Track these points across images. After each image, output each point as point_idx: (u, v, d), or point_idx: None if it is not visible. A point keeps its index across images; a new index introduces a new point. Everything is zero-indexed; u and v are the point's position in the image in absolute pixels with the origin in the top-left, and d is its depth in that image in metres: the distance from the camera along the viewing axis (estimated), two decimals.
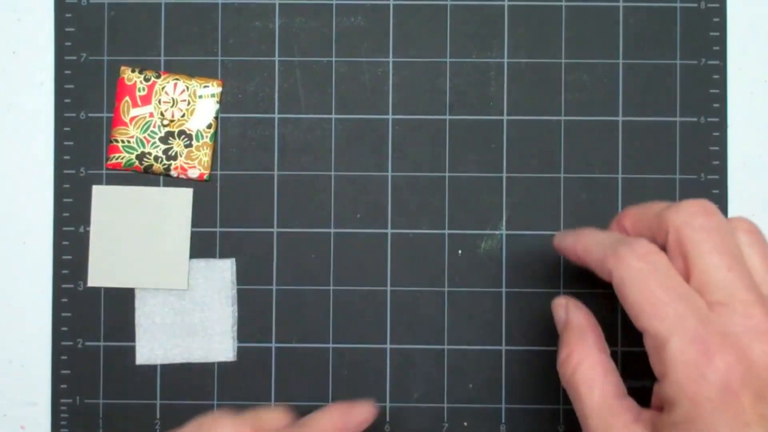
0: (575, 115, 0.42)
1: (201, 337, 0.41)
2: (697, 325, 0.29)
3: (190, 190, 0.41)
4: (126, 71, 0.42)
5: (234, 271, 0.41)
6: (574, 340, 0.34)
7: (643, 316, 0.30)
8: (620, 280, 0.31)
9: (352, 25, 0.42)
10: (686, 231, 0.31)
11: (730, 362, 0.28)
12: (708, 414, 0.28)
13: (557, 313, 0.36)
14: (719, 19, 0.42)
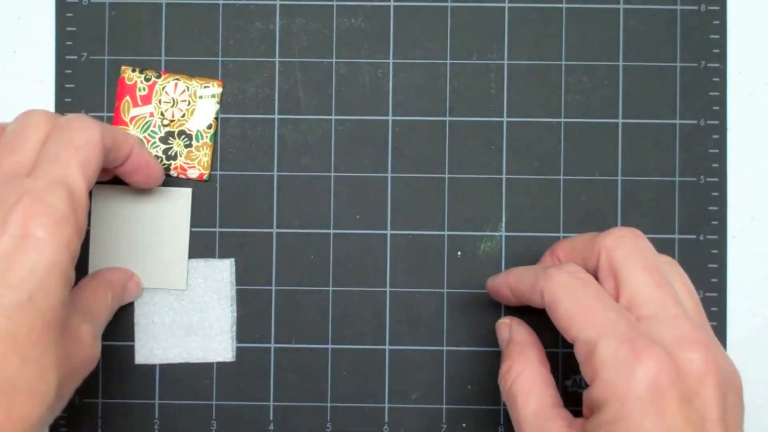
0: (575, 117, 0.42)
1: (200, 337, 0.41)
2: (627, 328, 0.30)
3: (189, 190, 0.41)
4: (126, 71, 0.42)
5: (233, 271, 0.42)
6: (516, 355, 0.36)
7: (573, 326, 0.31)
8: (552, 295, 0.33)
9: (352, 26, 0.42)
10: (617, 251, 0.33)
11: (659, 361, 0.29)
12: (636, 412, 0.28)
13: (501, 332, 0.38)
14: (719, 21, 0.42)
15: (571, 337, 0.32)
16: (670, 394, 0.28)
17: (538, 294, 0.34)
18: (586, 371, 0.31)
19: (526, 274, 0.35)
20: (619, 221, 0.42)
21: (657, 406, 0.28)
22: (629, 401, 0.29)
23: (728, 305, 0.42)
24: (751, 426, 0.42)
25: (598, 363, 0.30)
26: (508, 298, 0.37)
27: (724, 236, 0.42)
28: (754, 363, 0.42)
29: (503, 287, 0.37)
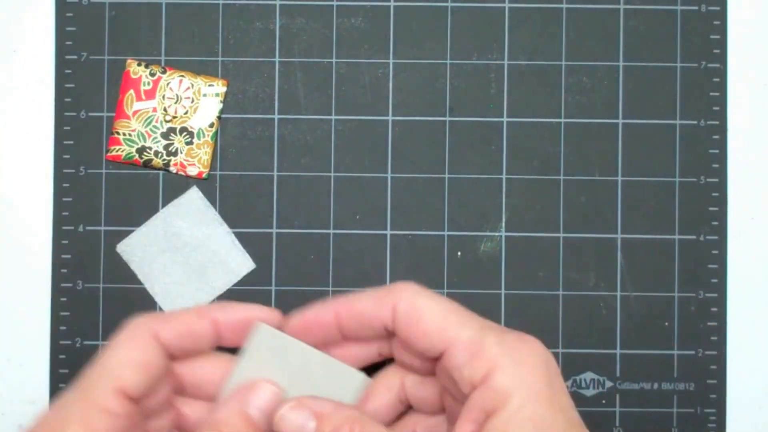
0: (575, 118, 0.42)
1: (216, 267, 0.41)
2: (489, 324, 0.31)
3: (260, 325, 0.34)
4: (132, 64, 0.42)
5: (201, 195, 0.41)
6: None
7: (449, 328, 0.30)
8: (411, 304, 0.31)
9: (352, 26, 0.42)
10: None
11: (540, 345, 0.30)
12: (542, 393, 0.29)
13: (297, 415, 0.32)
14: (720, 22, 0.42)
15: (446, 341, 0.30)
16: (558, 374, 0.30)
17: (387, 308, 0.31)
18: (476, 368, 0.29)
19: (359, 297, 0.32)
20: (619, 221, 0.42)
21: (553, 388, 0.29)
22: (536, 384, 0.29)
23: (728, 305, 0.42)
24: (751, 426, 0.42)
25: (494, 354, 0.29)
26: (326, 331, 0.33)
27: (724, 237, 0.42)
28: (754, 363, 0.42)
29: (326, 315, 0.33)
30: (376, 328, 0.32)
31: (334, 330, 0.33)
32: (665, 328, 0.41)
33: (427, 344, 0.31)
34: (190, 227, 0.41)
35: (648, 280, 0.41)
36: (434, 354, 0.31)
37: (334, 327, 0.33)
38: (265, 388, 0.32)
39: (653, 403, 0.41)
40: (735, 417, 0.41)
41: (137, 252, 0.41)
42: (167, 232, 0.41)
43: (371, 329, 0.32)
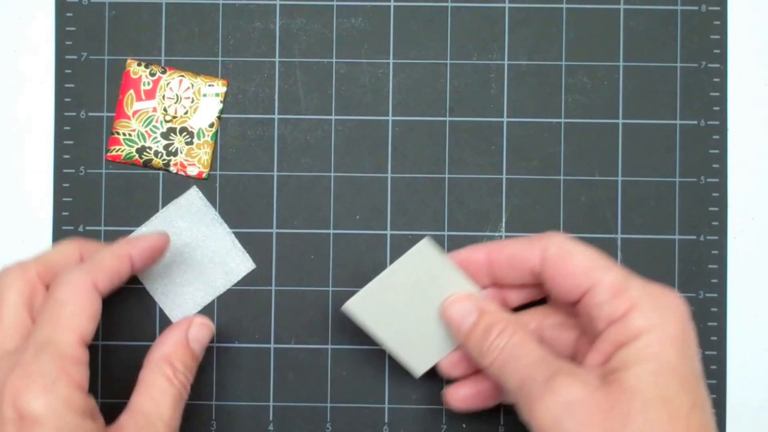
0: (575, 118, 0.42)
1: (215, 267, 0.41)
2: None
3: (426, 240, 0.37)
4: (132, 64, 0.42)
5: (201, 195, 0.41)
6: (496, 320, 0.35)
7: (595, 271, 0.33)
8: (561, 247, 0.34)
9: (352, 26, 0.42)
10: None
11: (681, 299, 0.32)
12: (675, 340, 0.31)
13: (457, 310, 0.36)
14: (720, 22, 0.42)
15: (592, 281, 0.32)
16: (694, 333, 0.32)
17: (537, 250, 0.34)
18: (616, 306, 0.31)
19: (510, 241, 0.36)
20: (619, 221, 0.42)
21: (689, 338, 0.31)
22: (673, 325, 0.31)
23: (728, 306, 0.42)
24: (751, 426, 0.42)
25: (637, 294, 0.31)
26: (476, 270, 0.37)
27: (724, 237, 0.42)
28: (754, 363, 0.42)
29: (478, 253, 0.37)
30: (523, 270, 0.35)
31: (483, 270, 0.37)
32: None
33: (573, 284, 0.33)
34: (190, 227, 0.41)
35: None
36: (578, 293, 0.33)
37: (484, 267, 0.36)
38: (197, 323, 0.38)
39: None
40: (735, 417, 0.41)
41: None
42: (167, 231, 0.41)
43: (519, 271, 0.35)
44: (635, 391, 0.30)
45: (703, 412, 0.31)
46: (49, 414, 0.30)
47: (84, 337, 0.32)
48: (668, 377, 0.30)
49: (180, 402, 0.36)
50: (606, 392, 0.30)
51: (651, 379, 0.30)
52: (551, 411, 0.31)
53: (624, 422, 0.30)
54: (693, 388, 0.31)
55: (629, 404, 0.30)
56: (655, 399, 0.30)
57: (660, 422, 0.29)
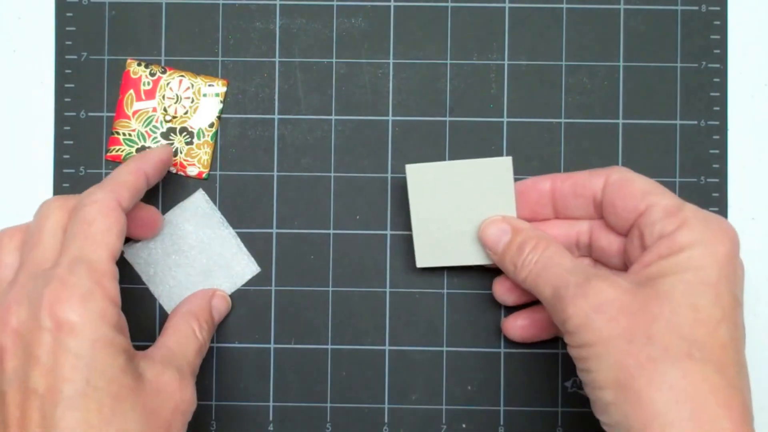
0: (575, 118, 0.42)
1: (219, 270, 0.41)
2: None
3: (509, 158, 0.38)
4: (132, 64, 0.42)
5: (207, 198, 0.41)
6: (529, 236, 0.37)
7: (651, 195, 0.34)
8: (623, 175, 0.35)
9: (352, 26, 0.42)
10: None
11: (734, 230, 0.33)
12: (718, 261, 0.32)
13: (493, 230, 0.38)
14: (720, 22, 0.42)
15: (648, 203, 0.34)
16: (740, 262, 0.33)
17: (601, 178, 0.36)
18: (668, 224, 0.33)
19: (578, 172, 0.38)
20: None
21: (734, 262, 0.32)
22: (719, 245, 0.32)
23: None
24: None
25: (689, 215, 0.32)
26: (540, 198, 0.38)
27: None
28: (755, 363, 0.42)
29: (544, 183, 0.38)
30: (586, 198, 0.37)
31: (547, 199, 0.38)
32: None
33: (631, 205, 0.34)
34: (196, 230, 0.41)
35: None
36: (635, 215, 0.34)
37: (548, 196, 0.38)
38: (219, 295, 0.41)
39: None
40: None
41: (142, 254, 0.41)
42: (173, 234, 0.41)
43: (581, 199, 0.37)
44: (666, 296, 0.31)
45: (733, 330, 0.31)
46: (85, 324, 0.31)
47: (114, 253, 0.34)
48: (702, 289, 0.31)
49: (201, 355, 0.38)
50: (638, 295, 0.32)
51: (684, 287, 0.31)
52: (582, 310, 0.32)
53: (648, 321, 0.31)
54: (726, 306, 0.31)
55: (658, 308, 0.31)
56: (684, 305, 0.31)
57: (683, 326, 0.30)
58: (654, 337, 0.30)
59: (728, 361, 0.31)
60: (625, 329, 0.31)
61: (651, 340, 0.30)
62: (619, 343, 0.31)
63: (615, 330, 0.31)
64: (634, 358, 0.30)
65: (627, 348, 0.31)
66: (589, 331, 0.32)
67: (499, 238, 0.38)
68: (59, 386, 0.30)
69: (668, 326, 0.31)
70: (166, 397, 0.33)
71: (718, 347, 0.31)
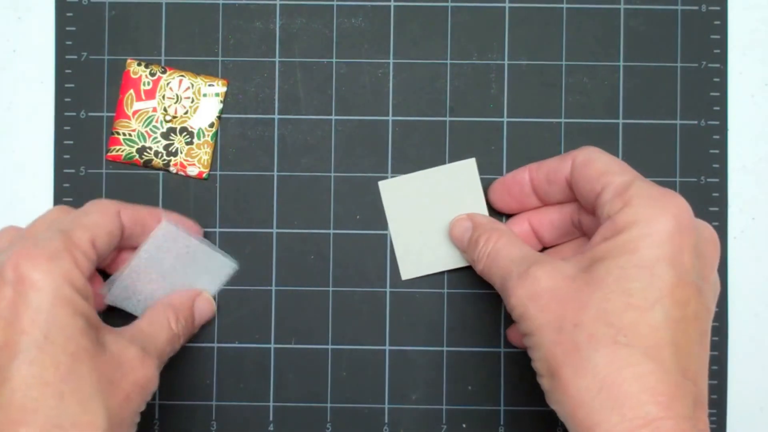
0: (575, 118, 0.42)
1: (199, 276, 0.41)
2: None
3: (472, 160, 0.41)
4: (132, 64, 0.42)
5: (171, 224, 0.38)
6: (486, 229, 0.38)
7: (610, 173, 0.33)
8: (588, 155, 0.35)
9: (352, 26, 0.42)
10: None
11: (685, 205, 0.32)
12: (659, 234, 0.31)
13: (459, 226, 0.40)
14: (720, 22, 0.42)
15: (602, 184, 0.33)
16: (688, 236, 0.31)
17: (569, 161, 0.36)
18: (616, 203, 0.32)
19: (550, 158, 0.38)
20: None
21: (676, 239, 0.30)
22: (657, 223, 0.31)
23: (729, 306, 0.42)
24: (751, 426, 0.42)
25: (633, 194, 0.32)
26: (522, 189, 0.39)
27: (725, 237, 0.42)
28: (755, 363, 0.42)
29: (523, 174, 0.39)
30: (560, 183, 0.37)
31: (529, 189, 0.39)
32: None
33: (589, 187, 0.34)
34: (168, 255, 0.39)
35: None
36: (593, 196, 0.34)
37: (528, 185, 0.39)
38: (203, 297, 0.41)
39: None
40: (735, 417, 0.41)
41: (128, 293, 0.39)
42: (153, 269, 0.39)
43: (556, 185, 0.37)
44: (599, 281, 0.31)
45: (668, 310, 0.30)
46: (47, 281, 0.31)
47: (96, 242, 0.34)
48: (636, 272, 0.30)
49: (171, 345, 0.38)
50: (574, 281, 0.31)
51: (618, 272, 0.30)
52: (520, 299, 0.32)
53: (578, 308, 0.30)
54: (665, 285, 0.30)
55: (590, 294, 0.30)
56: (615, 291, 0.30)
57: (612, 312, 0.30)
58: (581, 324, 0.30)
59: (662, 342, 0.29)
60: (555, 317, 0.31)
61: (578, 327, 0.30)
62: (549, 332, 0.31)
63: (546, 318, 0.31)
64: (562, 346, 0.30)
65: (556, 337, 0.31)
66: (527, 320, 0.32)
67: (463, 234, 0.39)
68: (16, 339, 0.30)
69: (596, 313, 0.30)
70: (126, 371, 0.33)
71: (650, 330, 0.30)
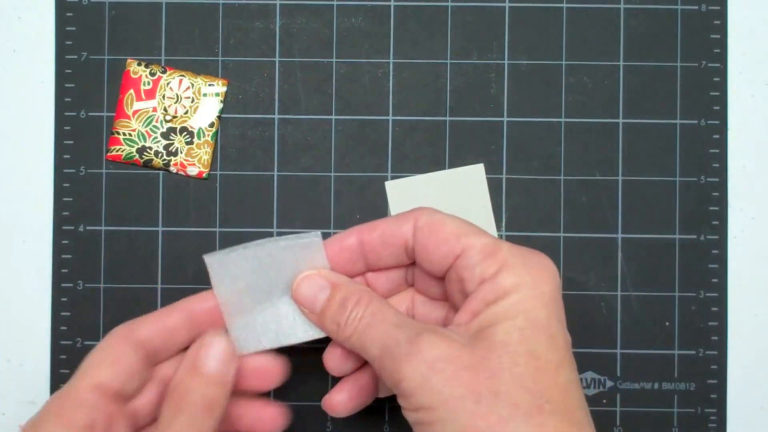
0: (575, 117, 0.42)
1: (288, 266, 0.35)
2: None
3: (481, 165, 0.38)
4: (132, 64, 0.42)
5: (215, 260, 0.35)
6: (348, 292, 0.33)
7: (467, 237, 0.32)
8: (431, 217, 0.33)
9: (352, 25, 0.42)
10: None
11: (549, 261, 0.32)
12: (545, 296, 0.31)
13: (307, 288, 0.34)
14: (720, 21, 0.42)
15: (461, 246, 0.32)
16: (560, 297, 0.32)
17: (409, 223, 0.33)
18: (487, 266, 0.31)
19: (380, 220, 0.35)
20: (620, 221, 0.42)
21: (558, 299, 0.31)
22: (542, 285, 0.31)
23: (729, 305, 0.42)
24: (751, 426, 0.42)
25: (506, 255, 0.31)
26: (350, 256, 0.35)
27: (724, 236, 0.42)
28: (754, 363, 0.42)
29: (350, 239, 0.34)
30: (397, 246, 0.34)
31: (357, 255, 0.34)
32: (666, 327, 0.41)
33: (445, 250, 0.32)
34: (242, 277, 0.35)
35: (648, 280, 0.41)
36: (451, 258, 0.32)
37: (357, 252, 0.34)
38: (215, 343, 0.32)
39: (654, 403, 0.41)
40: (735, 417, 0.41)
41: (246, 334, 0.35)
42: (234, 300, 0.35)
43: (392, 247, 0.34)
44: (503, 346, 0.30)
45: (570, 371, 0.30)
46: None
47: (102, 382, 0.31)
48: (536, 334, 0.30)
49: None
50: (474, 348, 0.30)
51: (519, 334, 0.30)
52: (418, 370, 0.29)
53: (491, 377, 0.29)
54: (560, 347, 0.30)
55: (498, 360, 0.29)
56: (523, 354, 0.29)
57: (527, 377, 0.29)
58: (500, 393, 0.29)
59: (573, 405, 0.30)
60: (468, 389, 0.29)
61: (498, 397, 0.29)
62: (465, 405, 0.29)
63: (457, 390, 0.29)
64: (484, 420, 0.28)
65: (475, 409, 0.29)
66: (427, 393, 0.29)
67: (317, 294, 0.34)
68: None
69: (512, 379, 0.29)
70: None
71: (563, 393, 0.29)
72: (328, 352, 0.35)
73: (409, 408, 0.30)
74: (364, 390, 0.36)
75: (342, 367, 0.35)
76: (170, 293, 0.42)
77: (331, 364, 0.35)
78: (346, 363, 0.35)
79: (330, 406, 0.36)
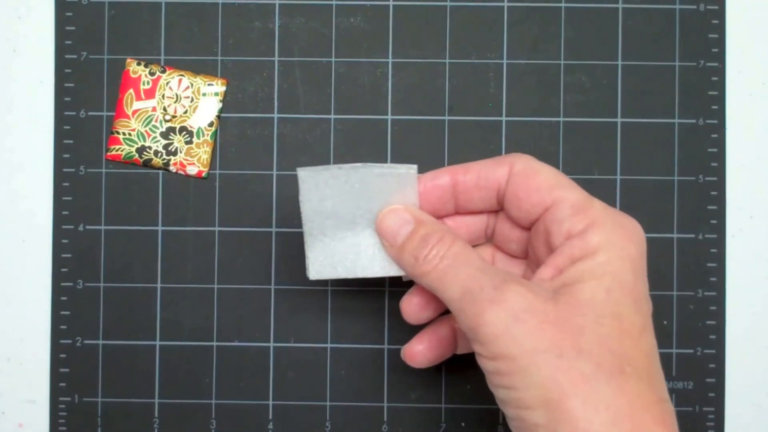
0: (574, 117, 0.42)
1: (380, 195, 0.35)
2: None
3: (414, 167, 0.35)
4: (131, 64, 0.42)
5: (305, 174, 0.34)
6: (432, 230, 0.33)
7: (559, 189, 0.32)
8: (528, 164, 0.33)
9: (351, 25, 0.42)
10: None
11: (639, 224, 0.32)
12: (629, 256, 0.30)
13: (393, 219, 0.34)
14: (718, 21, 0.42)
15: (553, 198, 0.32)
16: (645, 261, 0.31)
17: (505, 167, 0.33)
18: (577, 222, 0.31)
19: (476, 162, 0.35)
20: None
21: (643, 264, 0.31)
22: (629, 247, 0.30)
23: (727, 304, 0.42)
24: (750, 425, 0.42)
25: (598, 214, 0.31)
26: (441, 194, 0.35)
27: (723, 235, 0.42)
28: (752, 362, 0.42)
29: (443, 177, 0.35)
30: (489, 190, 0.34)
31: (448, 195, 0.35)
32: (664, 326, 0.41)
33: (537, 199, 0.32)
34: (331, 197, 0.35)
35: None
36: (541, 209, 0.32)
37: (449, 192, 0.35)
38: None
39: None
40: (734, 416, 0.41)
41: (325, 256, 0.36)
42: (317, 220, 0.35)
43: (485, 191, 0.34)
44: (588, 305, 0.29)
45: (652, 338, 0.30)
46: None
47: None
48: (622, 296, 0.30)
49: None
50: (558, 304, 0.29)
51: (605, 294, 0.29)
52: (501, 317, 0.29)
53: (575, 333, 0.29)
54: (644, 312, 0.30)
55: (582, 317, 0.29)
56: (608, 315, 0.29)
57: (611, 338, 0.29)
58: (583, 351, 0.28)
59: (654, 371, 0.30)
60: (551, 342, 0.29)
61: (581, 354, 0.28)
62: (547, 358, 0.28)
63: (540, 343, 0.29)
64: (565, 374, 0.28)
65: (557, 363, 0.28)
66: (509, 342, 0.29)
67: (400, 227, 0.34)
68: None
69: (596, 338, 0.29)
70: None
71: (644, 358, 0.29)
72: (406, 299, 0.36)
73: (486, 356, 0.30)
74: (442, 342, 0.36)
75: (419, 315, 0.36)
76: (170, 292, 0.42)
77: (409, 310, 0.36)
78: (424, 311, 0.35)
79: (410, 355, 0.36)
